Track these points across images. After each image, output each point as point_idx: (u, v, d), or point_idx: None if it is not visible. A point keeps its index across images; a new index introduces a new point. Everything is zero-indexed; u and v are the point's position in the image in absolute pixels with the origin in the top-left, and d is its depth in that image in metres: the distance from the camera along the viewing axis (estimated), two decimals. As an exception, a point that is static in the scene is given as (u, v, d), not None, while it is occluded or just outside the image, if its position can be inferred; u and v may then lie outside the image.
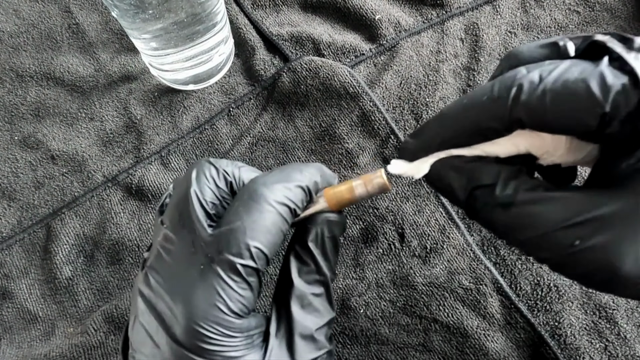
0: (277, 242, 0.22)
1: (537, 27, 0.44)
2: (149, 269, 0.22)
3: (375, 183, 0.24)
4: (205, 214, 0.22)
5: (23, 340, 0.35)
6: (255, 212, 0.21)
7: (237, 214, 0.22)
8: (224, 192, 0.23)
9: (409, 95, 0.40)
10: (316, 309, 0.23)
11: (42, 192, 0.39)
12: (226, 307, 0.21)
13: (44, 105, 0.42)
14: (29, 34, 0.45)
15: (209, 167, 0.23)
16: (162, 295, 0.21)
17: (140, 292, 0.22)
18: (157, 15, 0.33)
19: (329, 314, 0.24)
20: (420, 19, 0.44)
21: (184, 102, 0.42)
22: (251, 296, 0.21)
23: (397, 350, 0.32)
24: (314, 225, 0.24)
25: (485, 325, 0.32)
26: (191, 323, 0.20)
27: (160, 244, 0.22)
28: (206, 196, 0.22)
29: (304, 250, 0.24)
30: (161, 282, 0.22)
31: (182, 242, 0.22)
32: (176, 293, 0.21)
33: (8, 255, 0.37)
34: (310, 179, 0.24)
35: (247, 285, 0.21)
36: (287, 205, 0.22)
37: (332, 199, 0.24)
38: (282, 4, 0.46)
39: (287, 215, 0.22)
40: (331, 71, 0.40)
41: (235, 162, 0.25)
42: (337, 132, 0.39)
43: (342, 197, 0.24)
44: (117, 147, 0.41)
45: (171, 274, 0.22)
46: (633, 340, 0.32)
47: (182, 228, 0.22)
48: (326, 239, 0.24)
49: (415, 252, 0.35)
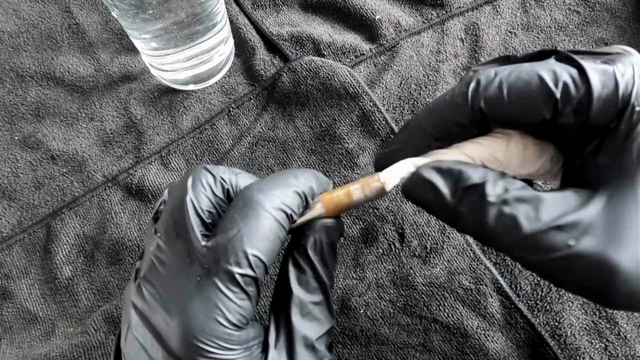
0: (275, 249, 0.21)
1: (537, 27, 0.44)
2: (142, 281, 0.21)
3: (373, 187, 0.23)
4: (202, 222, 0.21)
5: (23, 340, 0.35)
6: (252, 219, 0.21)
7: (233, 222, 0.21)
8: (221, 200, 0.23)
9: (409, 95, 0.40)
10: (316, 318, 0.23)
11: (42, 192, 0.39)
12: (224, 319, 0.20)
13: (44, 105, 0.42)
14: (29, 34, 0.45)
15: (205, 174, 0.23)
16: (157, 308, 0.21)
17: (134, 305, 0.21)
18: (157, 15, 0.33)
19: (329, 322, 0.23)
20: (420, 19, 0.44)
21: (184, 102, 0.42)
22: (249, 306, 0.21)
23: (397, 351, 0.32)
24: (312, 231, 0.23)
25: (486, 325, 0.32)
26: (188, 337, 0.20)
27: (154, 253, 0.22)
28: (202, 204, 0.22)
29: (302, 257, 0.23)
30: (155, 295, 0.21)
31: (177, 253, 0.21)
32: (172, 306, 0.20)
33: (8, 255, 0.37)
34: (306, 184, 0.23)
35: (245, 295, 0.20)
36: (283, 211, 0.22)
37: (329, 204, 0.24)
38: (282, 4, 0.46)
39: (284, 221, 0.22)
40: (331, 71, 0.40)
41: (233, 169, 0.24)
42: (337, 132, 0.39)
43: (339, 202, 0.24)
44: (117, 147, 0.41)
45: (166, 285, 0.21)
46: (633, 340, 0.32)
47: (177, 238, 0.21)
48: (325, 245, 0.23)
49: (415, 252, 0.35)
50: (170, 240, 0.21)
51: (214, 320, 0.20)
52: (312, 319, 0.23)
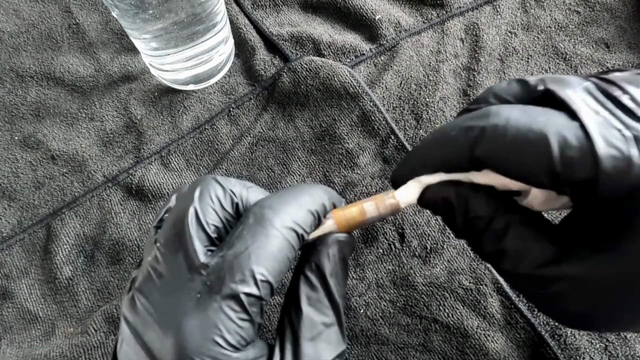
0: (283, 270, 0.20)
1: (537, 27, 0.44)
2: (136, 292, 0.20)
3: (388, 204, 0.22)
4: (206, 237, 0.20)
5: (23, 340, 0.35)
6: (261, 236, 0.20)
7: (241, 239, 0.20)
8: (229, 215, 0.22)
9: (409, 95, 0.41)
10: (327, 340, 0.21)
11: (42, 192, 0.39)
12: (223, 340, 0.19)
13: (44, 105, 0.42)
14: (29, 34, 0.45)
15: (215, 187, 0.21)
16: (150, 324, 0.19)
17: (126, 318, 0.20)
18: (157, 15, 0.33)
19: (340, 346, 0.22)
20: (421, 19, 0.44)
21: (184, 102, 0.42)
22: (250, 328, 0.20)
23: (397, 351, 0.32)
24: (324, 246, 0.22)
25: (486, 325, 0.32)
26: (183, 357, 0.18)
27: (152, 264, 0.20)
28: (208, 218, 0.21)
29: (315, 274, 0.22)
30: (150, 309, 0.20)
31: (177, 266, 0.20)
32: (167, 322, 0.19)
33: (8, 255, 0.37)
34: (319, 202, 0.22)
35: (247, 315, 0.19)
36: (294, 230, 0.21)
37: (341, 220, 0.23)
38: (282, 4, 0.46)
39: (295, 241, 0.21)
40: (331, 71, 0.40)
41: (244, 182, 0.23)
42: (337, 132, 0.39)
43: (352, 219, 0.23)
44: (117, 147, 0.41)
45: (162, 300, 0.20)
46: (633, 341, 0.32)
47: (178, 251, 0.20)
48: (338, 260, 0.22)
49: (415, 252, 0.35)
50: (171, 252, 0.20)
51: (212, 341, 0.19)
52: (323, 341, 0.21)
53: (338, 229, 0.23)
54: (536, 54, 0.42)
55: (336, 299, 0.22)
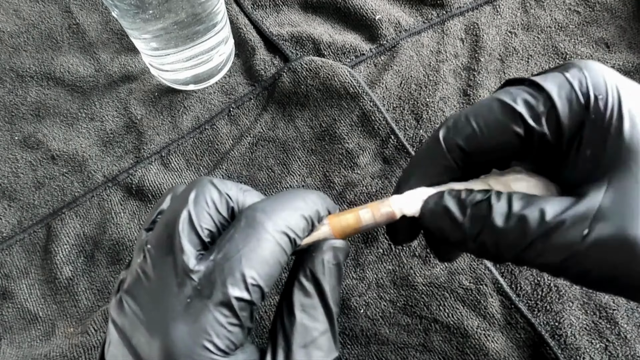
0: (274, 274, 0.20)
1: (537, 27, 0.44)
2: (124, 294, 0.20)
3: (384, 212, 0.22)
4: (199, 241, 0.20)
5: (23, 340, 0.35)
6: (253, 240, 0.20)
7: (232, 242, 0.20)
8: (223, 219, 0.21)
9: (409, 95, 0.41)
10: (319, 347, 0.21)
11: (42, 192, 0.39)
12: (212, 345, 0.19)
13: (44, 105, 0.42)
14: (29, 34, 0.45)
15: (210, 190, 0.21)
16: (138, 327, 0.19)
17: (113, 321, 0.20)
18: (157, 15, 0.33)
19: (332, 353, 0.21)
20: (421, 19, 0.44)
21: (184, 102, 0.42)
22: (240, 333, 0.19)
23: (398, 351, 0.32)
24: (319, 252, 0.22)
25: (486, 325, 0.32)
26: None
27: (141, 266, 0.20)
28: (202, 222, 0.20)
29: (309, 280, 0.21)
30: (137, 312, 0.19)
31: (166, 270, 0.20)
32: (155, 326, 0.19)
33: (8, 255, 0.37)
34: (313, 208, 0.22)
35: (237, 320, 0.19)
36: (287, 235, 0.20)
37: (336, 226, 0.22)
38: (282, 4, 0.46)
39: (287, 245, 0.20)
40: (331, 71, 0.40)
41: (241, 186, 0.22)
42: (337, 132, 0.39)
43: (348, 226, 0.23)
44: (117, 147, 0.41)
45: (150, 303, 0.19)
46: (633, 341, 0.32)
47: (168, 254, 0.20)
48: (332, 266, 0.22)
49: (415, 252, 0.35)
50: (161, 255, 0.20)
51: (201, 346, 0.18)
52: (316, 348, 0.21)
53: (332, 235, 0.23)
54: (536, 54, 0.42)
55: (330, 305, 0.22)
